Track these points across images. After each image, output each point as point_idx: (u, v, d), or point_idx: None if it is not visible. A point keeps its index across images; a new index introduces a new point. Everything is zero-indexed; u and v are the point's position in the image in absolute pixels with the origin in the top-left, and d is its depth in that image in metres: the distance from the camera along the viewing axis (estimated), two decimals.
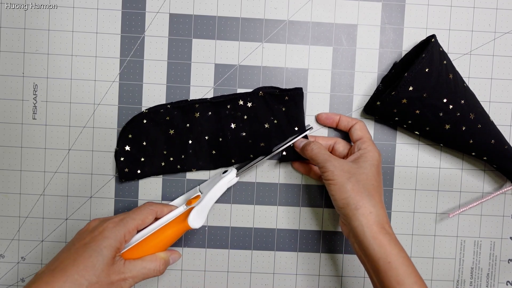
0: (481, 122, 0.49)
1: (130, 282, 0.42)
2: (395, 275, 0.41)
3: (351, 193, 0.44)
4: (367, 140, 0.48)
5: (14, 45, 0.51)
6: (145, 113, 0.50)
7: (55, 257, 0.41)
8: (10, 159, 0.51)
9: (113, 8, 0.51)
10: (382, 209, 0.44)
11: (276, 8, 0.52)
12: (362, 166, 0.46)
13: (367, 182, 0.45)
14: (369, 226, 0.42)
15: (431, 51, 0.46)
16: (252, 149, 0.51)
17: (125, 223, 0.43)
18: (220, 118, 0.51)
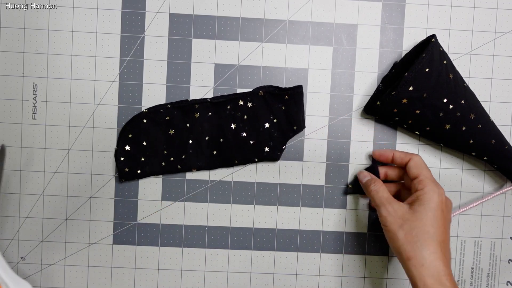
0: (481, 122, 0.49)
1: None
2: None
3: (403, 242, 0.42)
4: (424, 179, 0.45)
5: (14, 45, 0.51)
6: (145, 113, 0.50)
7: None
8: (9, 159, 0.51)
9: (113, 8, 0.51)
10: (438, 260, 0.41)
11: (276, 8, 0.51)
12: (417, 210, 0.43)
13: (422, 229, 0.42)
14: (421, 279, 0.40)
15: (431, 51, 0.46)
16: (256, 153, 0.51)
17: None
18: (220, 118, 0.51)
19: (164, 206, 0.52)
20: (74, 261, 0.52)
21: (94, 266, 0.52)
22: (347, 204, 0.53)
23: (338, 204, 0.53)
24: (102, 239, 0.52)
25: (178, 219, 0.52)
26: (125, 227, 0.52)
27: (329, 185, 0.53)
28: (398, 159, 0.48)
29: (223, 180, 0.52)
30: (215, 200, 0.52)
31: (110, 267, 0.52)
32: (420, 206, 0.43)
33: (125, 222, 0.52)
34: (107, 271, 0.52)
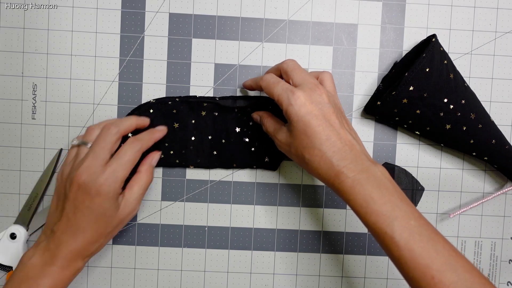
0: (482, 122, 0.49)
1: (137, 208, 0.44)
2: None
3: (300, 164, 0.42)
4: (278, 98, 0.41)
5: (13, 45, 0.51)
6: (152, 103, 0.50)
7: (58, 225, 0.41)
8: (9, 159, 0.51)
9: (112, 7, 0.51)
10: (328, 161, 0.39)
11: (276, 7, 0.51)
12: (290, 130, 0.41)
13: (301, 146, 0.40)
14: (329, 186, 0.40)
15: (432, 51, 0.46)
16: (256, 160, 0.51)
17: (117, 175, 0.41)
18: (226, 120, 0.50)
19: (164, 206, 0.52)
20: None
21: (93, 267, 0.52)
22: (347, 205, 0.53)
23: (338, 204, 0.53)
24: None
25: (178, 219, 0.52)
26: (125, 227, 0.52)
27: None
28: (254, 86, 0.47)
29: (223, 180, 0.52)
30: (215, 200, 0.52)
31: (109, 267, 0.52)
32: (290, 125, 0.41)
33: None
34: (107, 271, 0.52)
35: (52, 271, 0.40)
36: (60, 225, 0.41)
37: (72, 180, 0.41)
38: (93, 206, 0.40)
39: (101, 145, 0.42)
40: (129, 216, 0.44)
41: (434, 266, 0.35)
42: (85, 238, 0.41)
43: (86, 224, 0.41)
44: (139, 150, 0.43)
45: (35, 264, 0.40)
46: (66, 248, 0.40)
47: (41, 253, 0.41)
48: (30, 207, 0.50)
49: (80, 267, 0.42)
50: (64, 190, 0.42)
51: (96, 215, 0.41)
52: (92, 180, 0.40)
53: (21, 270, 0.40)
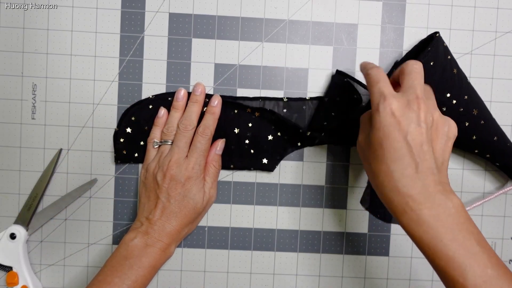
0: (484, 119, 0.48)
1: (215, 194, 0.50)
2: None
3: (366, 171, 0.41)
4: (371, 98, 0.38)
5: (13, 45, 0.51)
6: (151, 99, 0.50)
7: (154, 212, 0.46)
8: (8, 159, 0.51)
9: (112, 7, 0.51)
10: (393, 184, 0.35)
11: (276, 7, 0.51)
12: (370, 136, 0.38)
13: (372, 155, 0.37)
14: (390, 211, 0.37)
15: (436, 45, 0.46)
16: (254, 163, 0.51)
17: (201, 163, 0.48)
18: (225, 120, 0.50)
19: None
20: (74, 262, 0.52)
21: (93, 267, 0.52)
22: (347, 205, 0.53)
23: (338, 204, 0.53)
24: (102, 239, 0.52)
25: None
26: (125, 228, 0.52)
27: (329, 185, 0.52)
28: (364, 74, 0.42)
29: (223, 180, 0.52)
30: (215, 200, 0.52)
31: None
32: (371, 132, 0.37)
33: (125, 222, 0.52)
34: None
35: (152, 252, 0.45)
36: (156, 212, 0.46)
37: (165, 174, 0.46)
38: (184, 193, 0.46)
39: (183, 140, 0.48)
40: (209, 204, 0.49)
41: None
42: (178, 222, 0.46)
43: (178, 209, 0.46)
44: (210, 138, 0.49)
45: (138, 244, 0.45)
46: (163, 231, 0.46)
47: (141, 236, 0.45)
48: (29, 207, 0.50)
49: (172, 252, 0.47)
50: (155, 183, 0.47)
51: (187, 201, 0.46)
52: (182, 170, 0.46)
53: (124, 249, 0.45)
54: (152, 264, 0.45)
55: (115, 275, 0.43)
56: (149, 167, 0.48)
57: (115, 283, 0.43)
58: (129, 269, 0.43)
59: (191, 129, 0.48)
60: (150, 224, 0.46)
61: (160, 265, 0.46)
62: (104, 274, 0.43)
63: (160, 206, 0.46)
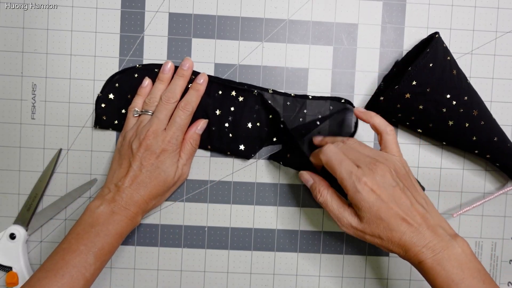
0: (484, 119, 0.48)
1: (187, 172, 0.50)
2: None
3: (376, 244, 0.42)
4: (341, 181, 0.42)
5: (13, 45, 0.50)
6: (138, 68, 0.50)
7: (124, 179, 0.46)
8: (8, 159, 0.51)
9: (112, 7, 0.51)
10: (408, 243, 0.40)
11: (276, 7, 0.51)
12: (361, 216, 0.42)
13: (374, 234, 0.41)
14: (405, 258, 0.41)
15: (435, 46, 0.46)
16: (232, 147, 0.51)
17: (179, 137, 0.47)
18: (208, 98, 0.50)
19: (164, 206, 0.52)
20: None
21: None
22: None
23: None
24: None
25: (177, 219, 0.52)
26: None
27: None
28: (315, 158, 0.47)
29: (223, 180, 0.52)
30: (215, 200, 0.52)
31: (109, 268, 0.52)
32: (360, 212, 0.41)
33: None
34: (107, 271, 0.52)
35: (119, 220, 0.44)
36: (125, 180, 0.46)
37: (141, 143, 0.46)
38: (157, 164, 0.46)
39: (164, 113, 0.47)
40: (180, 180, 0.49)
41: None
42: (146, 192, 0.46)
43: (149, 180, 0.46)
44: (191, 114, 0.49)
45: (104, 212, 0.44)
46: (131, 200, 0.45)
47: (108, 203, 0.45)
48: (29, 207, 0.50)
49: (138, 221, 0.47)
50: (129, 151, 0.47)
51: (158, 172, 0.46)
52: (158, 141, 0.46)
53: (89, 216, 0.44)
54: (119, 231, 0.44)
55: (81, 242, 0.42)
56: (127, 135, 0.48)
57: (81, 250, 0.42)
58: (96, 237, 0.43)
59: (173, 102, 0.48)
60: (119, 191, 0.45)
61: (126, 233, 0.46)
62: (69, 242, 0.43)
63: (131, 174, 0.46)
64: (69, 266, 0.41)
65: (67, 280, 0.41)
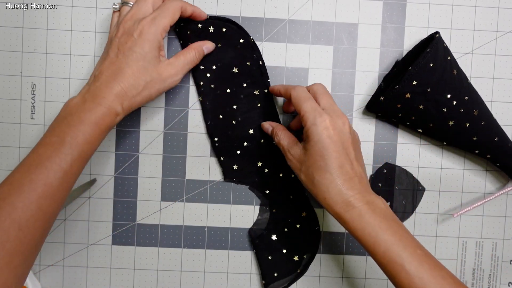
0: (485, 119, 0.48)
1: (178, 75, 0.46)
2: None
3: (306, 183, 0.42)
4: (304, 114, 0.42)
5: (12, 44, 0.50)
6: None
7: (100, 68, 0.43)
8: (8, 159, 0.51)
9: (111, 7, 0.50)
10: (338, 187, 0.40)
11: (276, 7, 0.51)
12: (307, 148, 0.42)
13: (314, 166, 0.41)
14: (331, 210, 0.41)
15: (436, 46, 0.46)
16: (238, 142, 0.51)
17: (159, 22, 0.44)
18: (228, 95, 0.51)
19: (164, 207, 0.52)
20: (73, 262, 0.52)
21: (93, 267, 0.52)
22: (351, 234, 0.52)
23: None
24: (101, 239, 0.52)
25: (177, 219, 0.52)
26: (124, 228, 0.52)
27: None
28: (282, 93, 0.47)
29: (223, 181, 0.52)
30: (214, 200, 0.52)
31: (109, 268, 0.52)
32: (307, 144, 0.42)
33: (124, 222, 0.52)
34: (106, 272, 0.52)
35: (91, 107, 0.41)
36: (102, 68, 0.43)
37: (118, 27, 0.44)
38: (134, 48, 0.43)
39: (145, 2, 0.45)
40: (170, 79, 0.45)
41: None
42: (125, 78, 0.42)
43: (126, 64, 0.43)
44: (181, 6, 0.46)
45: (77, 102, 0.42)
46: (106, 87, 0.42)
47: (82, 94, 0.42)
48: None
49: (118, 112, 0.43)
50: (109, 42, 0.45)
51: (137, 57, 0.43)
52: (135, 23, 0.43)
53: (64, 110, 0.42)
54: (93, 120, 0.41)
55: (53, 134, 0.40)
56: (111, 32, 0.46)
57: (53, 142, 0.39)
58: (68, 127, 0.40)
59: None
60: (94, 81, 0.43)
61: (105, 125, 0.42)
62: (44, 136, 0.41)
63: (107, 61, 0.43)
64: (42, 158, 0.39)
65: (40, 171, 0.38)
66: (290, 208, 0.51)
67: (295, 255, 0.51)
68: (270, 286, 0.51)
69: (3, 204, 0.37)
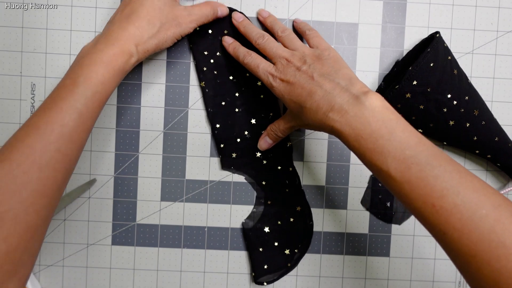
0: (485, 119, 0.48)
1: (193, 23, 0.46)
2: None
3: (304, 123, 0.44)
4: (261, 79, 0.45)
5: (12, 44, 0.50)
6: None
7: (115, 13, 0.44)
8: None
9: (111, 7, 0.50)
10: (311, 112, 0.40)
11: (276, 6, 0.51)
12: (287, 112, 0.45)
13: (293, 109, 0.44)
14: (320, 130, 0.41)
15: (436, 46, 0.46)
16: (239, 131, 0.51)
17: None
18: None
19: (163, 207, 0.52)
20: (73, 262, 0.52)
21: (92, 267, 0.52)
22: (347, 205, 0.52)
23: (339, 204, 0.52)
24: (101, 240, 0.52)
25: (177, 219, 0.52)
26: (124, 228, 0.52)
27: (329, 186, 0.52)
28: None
29: (222, 181, 0.52)
30: (214, 200, 0.52)
31: (109, 268, 0.52)
32: (284, 104, 0.45)
33: (124, 223, 0.52)
34: (106, 272, 0.52)
35: (105, 48, 0.41)
36: (116, 12, 0.44)
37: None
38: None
39: None
40: (185, 25, 0.45)
41: (434, 194, 0.34)
42: (139, 19, 0.42)
43: (140, 5, 0.42)
44: None
45: (90, 45, 0.42)
46: (119, 28, 0.42)
47: (97, 38, 0.42)
48: None
49: (132, 53, 0.42)
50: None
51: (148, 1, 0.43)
52: None
53: (78, 55, 0.42)
54: (106, 60, 0.40)
55: (67, 77, 0.40)
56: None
57: (66, 84, 0.39)
58: (80, 68, 0.40)
59: None
60: (108, 24, 0.43)
61: (118, 65, 0.41)
62: (59, 82, 0.40)
63: (122, 4, 0.44)
64: (56, 100, 0.38)
65: (56, 113, 0.38)
66: (285, 201, 0.51)
67: (286, 248, 0.51)
68: (259, 279, 0.51)
69: (21, 145, 0.37)
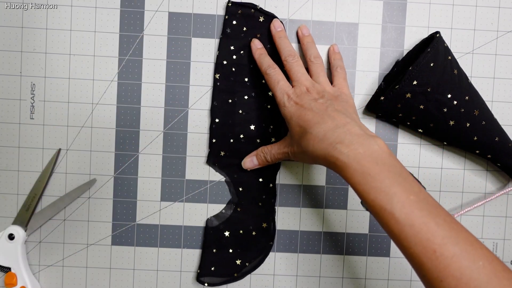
0: (485, 119, 0.48)
1: None
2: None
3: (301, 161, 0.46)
4: (276, 97, 0.46)
5: (12, 44, 0.50)
6: None
7: None
8: (7, 159, 0.51)
9: (111, 6, 0.50)
10: (317, 139, 0.41)
11: (277, 6, 0.51)
12: (290, 135, 0.45)
13: (296, 137, 0.44)
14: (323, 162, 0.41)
15: (436, 46, 0.46)
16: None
17: None
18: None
19: (163, 207, 0.52)
20: (73, 262, 0.52)
21: (92, 267, 0.52)
22: (348, 205, 0.52)
23: (339, 204, 0.52)
24: (101, 240, 0.52)
25: (177, 219, 0.52)
26: (124, 228, 0.52)
27: (329, 186, 0.52)
28: None
29: (223, 181, 0.52)
30: (214, 200, 0.52)
31: (108, 268, 0.52)
32: (288, 125, 0.45)
33: (124, 223, 0.52)
34: (106, 272, 0.52)
35: None
36: None
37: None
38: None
39: None
40: None
41: (436, 240, 0.34)
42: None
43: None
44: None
45: None
46: None
47: None
48: (28, 207, 0.50)
49: None
50: None
51: None
52: None
53: None
54: None
55: None
56: None
57: None
58: None
59: None
60: None
61: None
62: None
63: None
64: None
65: None
66: (254, 214, 0.51)
67: (239, 258, 0.51)
68: (203, 278, 0.50)
69: None
